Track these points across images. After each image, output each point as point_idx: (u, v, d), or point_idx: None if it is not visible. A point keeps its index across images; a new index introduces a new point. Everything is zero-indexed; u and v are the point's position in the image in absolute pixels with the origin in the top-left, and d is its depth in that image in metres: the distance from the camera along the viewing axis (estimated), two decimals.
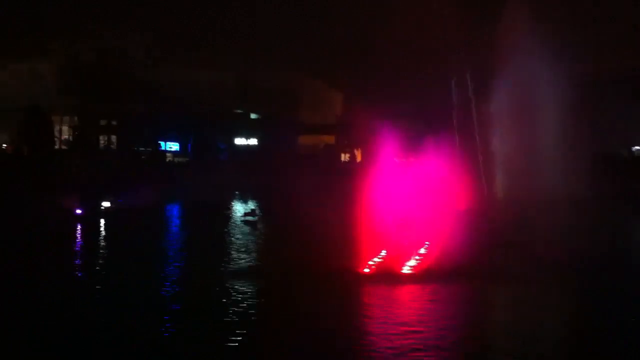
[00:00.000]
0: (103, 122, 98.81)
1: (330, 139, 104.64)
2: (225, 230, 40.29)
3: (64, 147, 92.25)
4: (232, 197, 63.70)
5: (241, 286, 23.82)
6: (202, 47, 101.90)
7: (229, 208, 54.96)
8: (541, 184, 39.27)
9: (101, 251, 34.35)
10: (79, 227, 41.45)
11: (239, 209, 53.15)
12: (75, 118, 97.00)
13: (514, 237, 31.18)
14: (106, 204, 47.81)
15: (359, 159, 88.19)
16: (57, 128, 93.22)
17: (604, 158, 65.87)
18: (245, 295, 22.52)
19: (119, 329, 19.06)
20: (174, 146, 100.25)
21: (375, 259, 26.55)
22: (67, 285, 24.89)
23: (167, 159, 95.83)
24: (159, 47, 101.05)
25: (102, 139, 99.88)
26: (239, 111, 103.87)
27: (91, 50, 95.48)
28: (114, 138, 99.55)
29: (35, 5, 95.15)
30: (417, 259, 27.03)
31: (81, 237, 39.30)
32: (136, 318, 20.07)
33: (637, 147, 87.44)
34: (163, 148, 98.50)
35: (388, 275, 24.92)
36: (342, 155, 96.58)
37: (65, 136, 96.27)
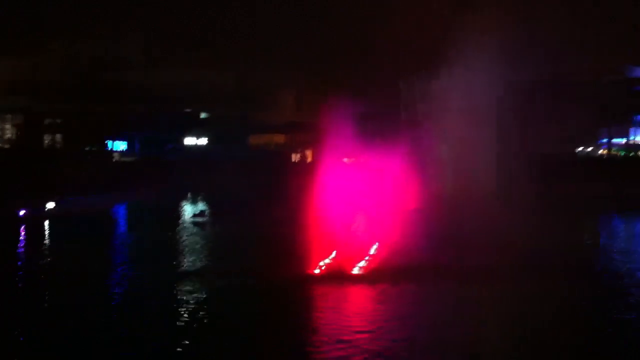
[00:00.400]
0: (48, 121, 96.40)
1: (280, 139, 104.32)
2: (174, 232, 39.70)
3: (6, 146, 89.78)
4: (182, 198, 62.92)
5: (187, 290, 23.44)
6: (153, 46, 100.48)
7: (178, 209, 54.25)
8: (482, 183, 40.14)
9: (39, 254, 33.42)
10: (20, 229, 40.38)
11: (188, 209, 52.58)
12: (21, 117, 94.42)
13: (456, 236, 31.97)
14: (51, 205, 46.65)
15: (309, 159, 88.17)
16: None
17: (548, 159, 67.56)
18: (189, 300, 22.12)
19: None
20: (121, 146, 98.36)
21: (326, 260, 26.51)
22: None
23: (114, 159, 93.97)
24: (116, 47, 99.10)
25: (47, 138, 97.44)
26: (188, 110, 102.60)
27: (41, 48, 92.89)
28: (59, 137, 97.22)
29: None
30: (367, 260, 27.12)
31: (22, 239, 38.29)
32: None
33: (581, 149, 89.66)
34: (110, 148, 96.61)
35: (338, 277, 24.92)
36: (293, 156, 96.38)
37: (8, 135, 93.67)
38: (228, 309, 21.35)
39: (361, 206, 30.43)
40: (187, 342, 17.97)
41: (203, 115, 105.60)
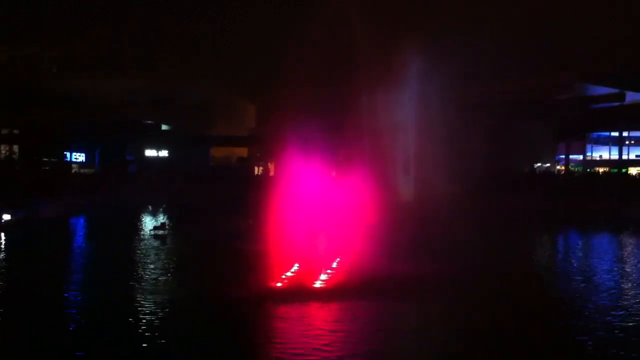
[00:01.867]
0: (4, 131, 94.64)
1: (242, 152, 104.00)
2: (133, 245, 39.09)
3: None
4: (142, 210, 62.12)
5: (143, 304, 23.03)
6: (116, 57, 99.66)
7: (138, 221, 53.53)
8: (437, 198, 40.77)
9: None
10: None
11: (148, 222, 51.94)
12: None
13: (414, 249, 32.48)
14: (6, 217, 45.67)
15: (271, 171, 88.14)
16: None
17: (505, 174, 68.81)
18: (145, 315, 21.70)
19: None
20: (79, 157, 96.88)
21: (288, 273, 26.43)
22: None
23: (73, 170, 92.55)
24: (69, 55, 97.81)
25: (4, 149, 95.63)
26: (149, 122, 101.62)
27: None
28: (16, 148, 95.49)
29: None
30: (329, 273, 27.12)
31: None
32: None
33: (539, 164, 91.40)
34: (68, 159, 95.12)
35: (300, 291, 24.81)
36: (256, 168, 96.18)
37: None
38: (182, 323, 21.01)
39: (323, 219, 30.46)
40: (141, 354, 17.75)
41: (164, 127, 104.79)
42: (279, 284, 25.39)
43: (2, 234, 42.32)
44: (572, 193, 65.91)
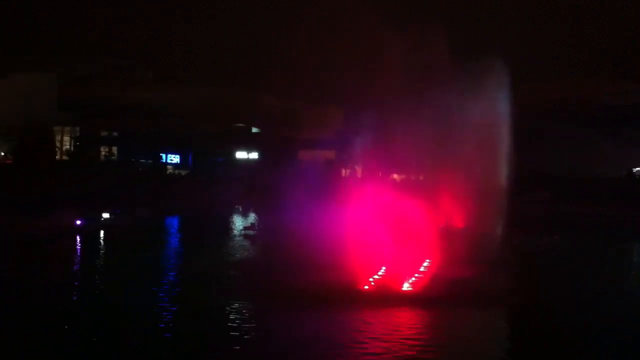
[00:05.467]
0: (104, 133, 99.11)
1: (330, 155, 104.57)
2: (224, 244, 40.41)
3: (65, 157, 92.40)
4: (233, 211, 63.80)
5: (237, 305, 23.72)
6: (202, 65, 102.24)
7: (228, 221, 55.05)
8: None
9: (96, 265, 34.50)
10: (76, 238, 41.75)
11: (239, 222, 53.30)
12: (77, 129, 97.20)
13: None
14: (106, 216, 47.93)
15: (359, 174, 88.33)
16: (58, 138, 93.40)
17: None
18: (238, 315, 22.45)
19: None
20: (174, 158, 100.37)
21: (375, 276, 26.62)
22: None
23: (168, 171, 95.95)
24: (160, 65, 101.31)
25: (103, 150, 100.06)
26: (239, 124, 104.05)
27: (93, 65, 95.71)
28: (115, 149, 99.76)
29: (38, 18, 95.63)
30: (416, 277, 27.14)
31: (78, 248, 39.63)
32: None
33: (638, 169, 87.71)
34: (164, 160, 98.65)
35: (388, 294, 24.95)
36: (343, 171, 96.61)
37: (66, 147, 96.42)
38: (280, 325, 21.64)
39: (409, 222, 30.41)
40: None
41: (254, 130, 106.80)
42: (366, 287, 25.65)
43: (102, 232, 44.49)
44: None
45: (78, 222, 44.81)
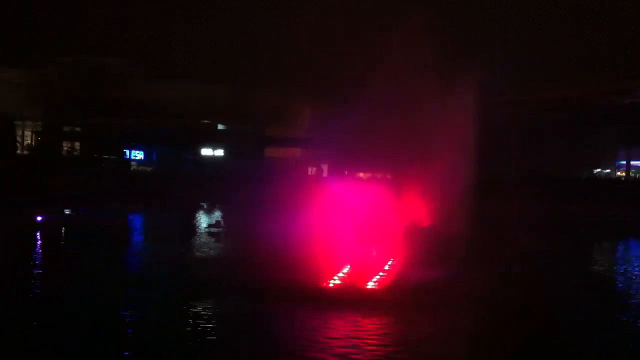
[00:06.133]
0: (67, 129, 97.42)
1: (296, 152, 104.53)
2: (188, 242, 40.02)
3: (25, 152, 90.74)
4: (198, 209, 63.32)
5: (200, 306, 23.39)
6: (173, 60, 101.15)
7: (193, 219, 54.57)
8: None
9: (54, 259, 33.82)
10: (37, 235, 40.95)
11: (204, 220, 52.88)
12: (39, 123, 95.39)
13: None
14: (67, 212, 47.10)
15: (325, 173, 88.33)
16: (19, 133, 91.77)
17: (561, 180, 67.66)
18: (199, 317, 22.13)
19: None
20: (138, 154, 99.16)
21: (340, 274, 26.50)
22: None
23: (132, 168, 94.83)
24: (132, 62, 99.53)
25: (65, 146, 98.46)
26: (205, 121, 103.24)
27: (61, 61, 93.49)
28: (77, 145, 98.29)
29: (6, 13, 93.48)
30: (381, 275, 27.09)
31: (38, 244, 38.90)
32: None
33: (599, 170, 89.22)
34: (127, 156, 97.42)
35: (352, 291, 24.85)
36: (309, 169, 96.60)
37: (27, 141, 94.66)
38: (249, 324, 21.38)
39: (375, 221, 30.38)
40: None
41: (220, 127, 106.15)
42: (330, 285, 25.52)
43: (63, 229, 43.61)
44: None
45: (38, 219, 43.96)
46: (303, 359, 17.72)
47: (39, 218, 44.05)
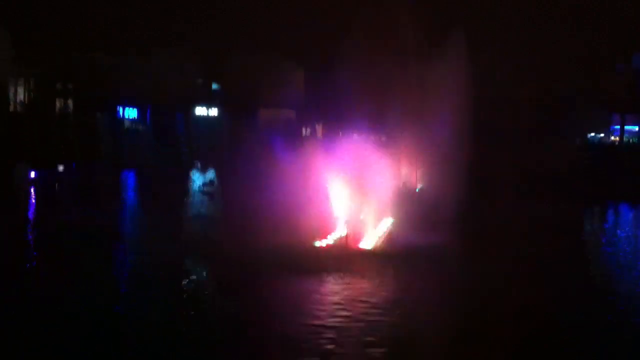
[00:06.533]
0: (59, 86, 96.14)
1: (290, 114, 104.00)
2: (183, 200, 40.22)
3: (18, 109, 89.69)
4: (191, 167, 63.22)
5: (191, 262, 23.62)
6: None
7: (187, 178, 54.60)
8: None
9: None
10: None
11: (197, 179, 52.90)
12: (31, 80, 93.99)
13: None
14: (60, 169, 47.15)
15: (319, 134, 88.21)
16: (12, 91, 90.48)
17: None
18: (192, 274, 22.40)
19: None
20: (132, 113, 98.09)
21: (335, 234, 26.71)
22: None
23: (126, 126, 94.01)
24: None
25: (59, 102, 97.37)
26: (199, 80, 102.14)
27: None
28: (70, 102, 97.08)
29: None
30: (375, 236, 27.41)
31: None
32: None
33: (592, 135, 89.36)
34: (121, 115, 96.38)
35: (347, 252, 25.18)
36: (303, 130, 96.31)
37: (20, 99, 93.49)
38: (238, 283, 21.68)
39: (369, 182, 30.49)
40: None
41: (214, 86, 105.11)
42: (322, 244, 25.81)
43: (56, 185, 43.71)
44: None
45: (32, 175, 44.01)
46: (293, 324, 17.89)
47: (32, 174, 44.05)
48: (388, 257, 25.16)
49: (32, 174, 44.06)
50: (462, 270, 23.91)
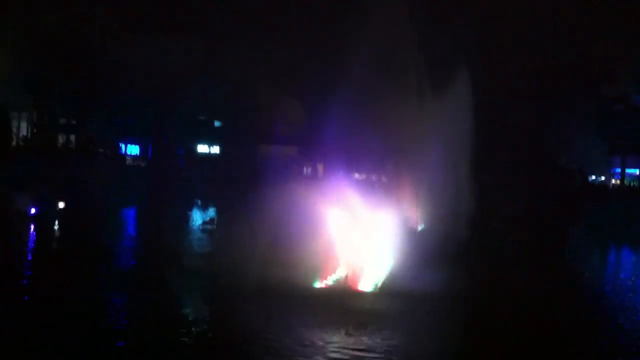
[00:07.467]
0: (62, 121, 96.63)
1: (291, 150, 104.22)
2: (183, 237, 40.07)
3: (21, 143, 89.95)
4: (192, 205, 63.27)
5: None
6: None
7: (187, 216, 54.57)
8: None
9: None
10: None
11: (197, 217, 52.84)
12: (35, 114, 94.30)
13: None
14: (61, 205, 46.97)
15: (321, 172, 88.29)
16: (14, 124, 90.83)
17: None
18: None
19: None
20: (133, 150, 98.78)
21: (334, 275, 26.51)
22: None
23: (127, 162, 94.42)
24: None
25: (61, 138, 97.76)
26: (202, 118, 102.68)
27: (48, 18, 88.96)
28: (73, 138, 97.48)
29: None
30: (375, 276, 27.16)
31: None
32: None
33: (593, 178, 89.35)
34: (123, 151, 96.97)
35: (347, 293, 24.94)
36: (304, 169, 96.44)
37: (23, 134, 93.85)
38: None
39: (371, 222, 30.36)
40: None
41: (217, 123, 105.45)
42: (323, 285, 25.59)
43: (57, 221, 43.56)
44: None
45: (32, 211, 43.86)
46: None
47: (32, 210, 43.91)
48: (389, 298, 24.87)
49: (32, 210, 43.95)
50: (463, 312, 23.66)
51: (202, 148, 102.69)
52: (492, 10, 78.61)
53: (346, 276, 26.29)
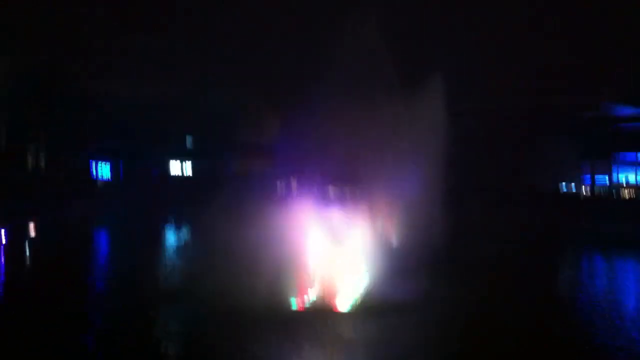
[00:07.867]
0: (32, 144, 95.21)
1: (265, 164, 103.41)
2: (158, 258, 39.57)
3: None
4: (166, 225, 62.56)
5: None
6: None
7: (161, 235, 53.95)
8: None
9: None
10: None
11: (171, 238, 52.35)
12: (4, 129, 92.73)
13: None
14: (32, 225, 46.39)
15: (294, 186, 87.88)
16: None
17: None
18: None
19: None
20: (105, 168, 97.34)
21: (311, 294, 26.20)
22: None
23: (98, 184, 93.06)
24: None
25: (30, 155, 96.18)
26: (174, 135, 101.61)
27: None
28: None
29: None
30: (353, 295, 26.92)
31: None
32: None
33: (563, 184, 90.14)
34: (93, 169, 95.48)
35: (323, 313, 24.66)
36: (278, 183, 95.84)
37: None
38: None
39: (347, 238, 30.15)
40: None
41: (189, 140, 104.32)
42: (299, 307, 25.27)
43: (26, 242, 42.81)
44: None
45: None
46: None
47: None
48: (365, 317, 24.63)
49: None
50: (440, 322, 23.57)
51: (174, 165, 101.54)
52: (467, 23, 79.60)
53: (322, 296, 25.98)
